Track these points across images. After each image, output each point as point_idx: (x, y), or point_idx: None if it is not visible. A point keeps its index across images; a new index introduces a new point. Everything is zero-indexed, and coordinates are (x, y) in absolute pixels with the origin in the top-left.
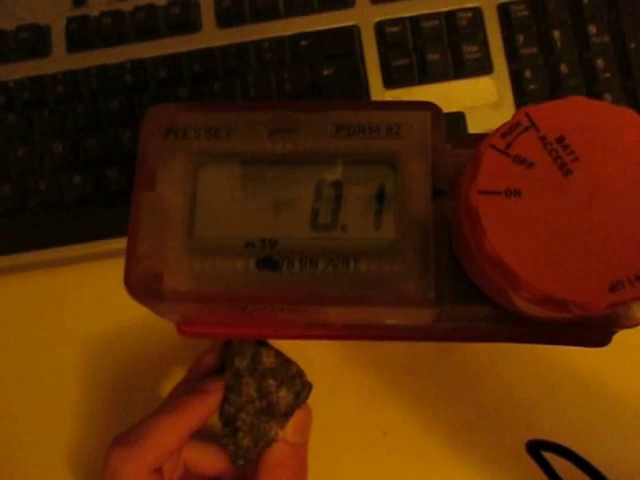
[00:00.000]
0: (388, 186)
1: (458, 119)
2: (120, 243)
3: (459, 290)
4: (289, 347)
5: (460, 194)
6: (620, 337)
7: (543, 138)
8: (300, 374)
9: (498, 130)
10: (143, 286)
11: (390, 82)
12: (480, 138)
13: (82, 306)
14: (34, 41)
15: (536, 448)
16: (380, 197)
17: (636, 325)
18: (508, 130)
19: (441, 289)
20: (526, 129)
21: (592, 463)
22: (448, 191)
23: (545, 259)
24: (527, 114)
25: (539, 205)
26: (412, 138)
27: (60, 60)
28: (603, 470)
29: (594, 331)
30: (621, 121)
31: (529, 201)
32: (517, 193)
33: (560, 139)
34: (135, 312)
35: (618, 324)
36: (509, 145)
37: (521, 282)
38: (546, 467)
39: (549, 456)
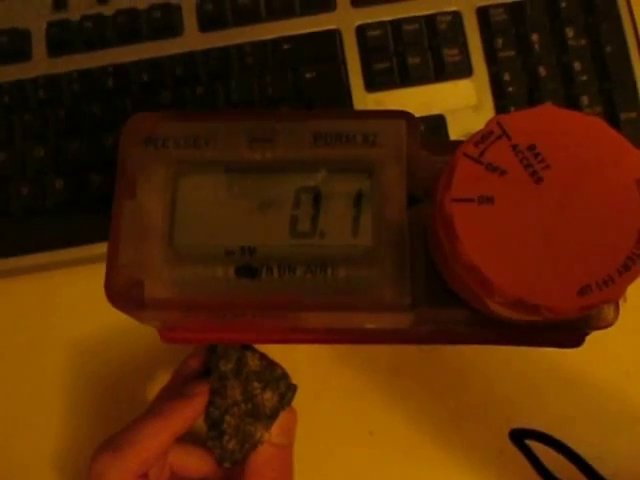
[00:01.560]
0: (365, 194)
1: (438, 122)
2: (103, 248)
3: (435, 295)
4: (274, 350)
5: (435, 201)
6: (598, 335)
7: (515, 146)
8: (285, 376)
9: (471, 138)
10: (124, 294)
11: (371, 85)
12: (455, 145)
13: (66, 311)
14: (14, 45)
15: (519, 436)
16: (357, 204)
17: (607, 326)
18: (481, 139)
19: (417, 294)
20: (498, 137)
21: (573, 449)
22: (425, 198)
23: (517, 264)
24: (499, 123)
25: (511, 212)
26: (388, 146)
27: (41, 64)
28: None
29: (567, 333)
30: (591, 130)
31: (501, 208)
32: (490, 200)
33: (531, 147)
34: (120, 316)
35: (590, 326)
36: (482, 153)
37: (494, 287)
38: (529, 454)
39: (531, 446)
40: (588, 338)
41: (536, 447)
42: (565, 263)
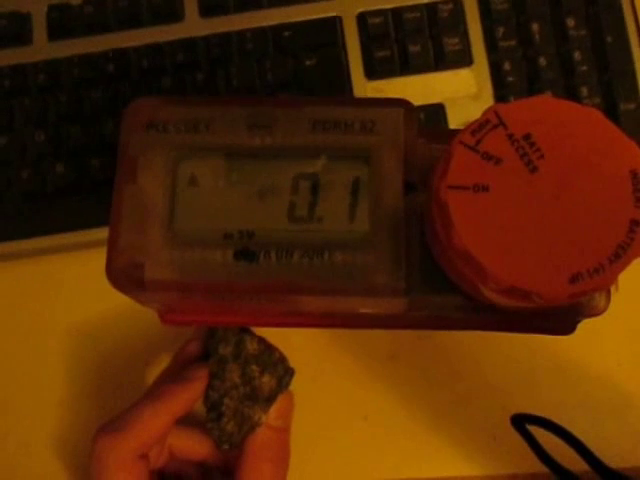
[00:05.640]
0: (362, 180)
1: (438, 110)
2: (103, 233)
3: (430, 280)
4: (272, 333)
5: (431, 188)
6: (591, 323)
7: (511, 136)
8: (283, 360)
9: (468, 127)
10: (124, 276)
11: (372, 73)
12: (452, 134)
13: (66, 295)
14: (15, 29)
15: (521, 421)
16: (355, 191)
17: (598, 314)
18: (478, 127)
19: (412, 280)
20: (495, 127)
21: (574, 434)
22: (421, 185)
23: (510, 252)
24: (496, 112)
25: (506, 200)
26: (385, 134)
27: (41, 48)
28: None
29: (559, 320)
30: (586, 120)
31: (496, 196)
32: (485, 188)
33: (527, 136)
34: (119, 301)
35: (581, 313)
36: (478, 142)
37: (487, 273)
38: (530, 439)
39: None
40: (581, 326)
41: (535, 433)
42: (557, 251)
